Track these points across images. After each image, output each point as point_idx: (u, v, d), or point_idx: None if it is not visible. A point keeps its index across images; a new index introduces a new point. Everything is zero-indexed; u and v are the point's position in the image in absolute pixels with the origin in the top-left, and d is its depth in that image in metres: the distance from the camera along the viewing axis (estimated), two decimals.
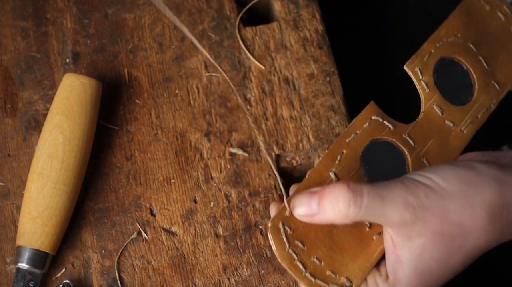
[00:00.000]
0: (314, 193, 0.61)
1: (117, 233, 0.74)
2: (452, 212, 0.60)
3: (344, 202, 0.59)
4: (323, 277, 0.63)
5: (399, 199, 0.60)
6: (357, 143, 0.67)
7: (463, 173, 0.62)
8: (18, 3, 0.83)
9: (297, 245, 0.63)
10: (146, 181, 0.76)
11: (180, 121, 0.79)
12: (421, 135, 0.68)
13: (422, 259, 0.61)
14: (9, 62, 0.81)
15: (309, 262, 0.63)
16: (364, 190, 0.60)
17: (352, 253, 0.64)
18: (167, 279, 0.72)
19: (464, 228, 0.61)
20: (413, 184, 0.61)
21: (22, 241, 0.70)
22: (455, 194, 0.60)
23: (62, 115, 0.73)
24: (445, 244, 0.61)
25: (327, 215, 0.60)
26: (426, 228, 0.60)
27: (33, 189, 0.71)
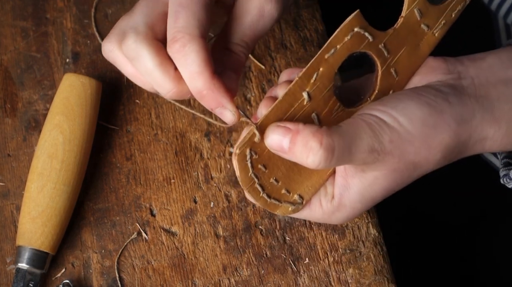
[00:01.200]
0: (288, 131, 0.60)
1: (117, 233, 0.74)
2: (410, 153, 0.62)
3: (315, 158, 0.60)
4: (278, 196, 0.64)
5: (365, 147, 0.61)
6: (335, 59, 0.63)
7: (427, 113, 0.63)
8: (18, 3, 0.83)
9: (260, 168, 0.63)
10: (146, 181, 0.76)
11: (180, 121, 0.79)
12: (396, 44, 0.66)
13: (371, 189, 0.64)
14: (9, 62, 0.81)
15: (267, 183, 0.64)
16: (335, 144, 0.60)
17: (308, 173, 0.65)
18: (167, 279, 0.72)
19: (417, 165, 0.63)
20: (379, 126, 0.62)
21: (22, 241, 0.70)
22: (416, 135, 0.62)
23: (62, 115, 0.73)
24: (396, 177, 0.64)
25: (295, 157, 0.61)
26: (382, 165, 0.62)
27: (33, 189, 0.71)
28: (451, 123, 0.63)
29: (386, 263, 0.73)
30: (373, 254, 0.73)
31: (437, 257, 0.99)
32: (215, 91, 0.61)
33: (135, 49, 0.61)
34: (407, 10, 0.66)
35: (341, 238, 0.74)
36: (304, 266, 0.73)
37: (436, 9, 0.68)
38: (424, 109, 0.63)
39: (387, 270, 0.73)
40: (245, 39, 0.65)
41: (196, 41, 0.60)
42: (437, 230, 1.00)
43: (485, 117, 0.64)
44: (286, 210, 0.66)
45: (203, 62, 0.60)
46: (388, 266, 0.73)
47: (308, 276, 0.72)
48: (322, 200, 0.66)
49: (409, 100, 0.63)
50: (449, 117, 0.63)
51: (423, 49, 0.68)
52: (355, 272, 0.73)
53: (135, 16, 0.63)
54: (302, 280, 0.72)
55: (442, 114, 0.63)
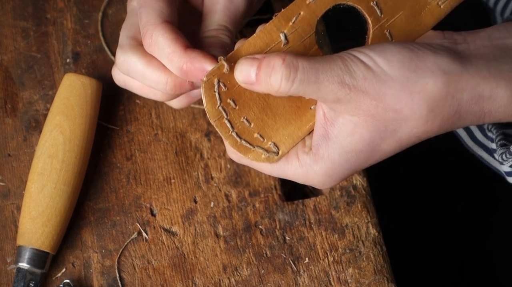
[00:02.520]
0: (256, 60, 0.60)
1: (117, 233, 0.74)
2: (388, 96, 0.58)
3: (275, 77, 0.58)
4: (250, 139, 0.62)
5: (335, 77, 0.58)
6: (318, 5, 0.62)
7: (407, 57, 0.59)
8: (18, 3, 0.83)
9: (229, 103, 0.61)
10: (146, 181, 0.76)
11: (180, 121, 0.79)
12: (391, 5, 0.63)
13: (351, 140, 0.60)
14: (9, 62, 0.81)
15: (238, 122, 0.61)
16: (299, 64, 0.58)
17: (285, 119, 0.63)
18: (167, 279, 0.72)
19: (400, 115, 0.59)
20: (353, 62, 0.59)
21: (23, 241, 0.70)
22: (395, 78, 0.58)
23: (62, 115, 0.73)
24: (378, 127, 0.60)
25: (261, 86, 0.59)
26: (359, 108, 0.59)
27: (33, 189, 0.71)
28: (435, 70, 0.59)
29: (386, 262, 0.73)
30: (372, 254, 0.73)
31: (437, 257, 0.99)
32: (194, 61, 0.62)
33: (124, 61, 0.65)
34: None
35: (340, 238, 0.74)
36: (304, 265, 0.73)
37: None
38: (405, 53, 0.59)
39: (386, 270, 0.73)
40: (221, 23, 0.66)
41: (159, 26, 0.63)
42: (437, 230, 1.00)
43: (480, 73, 0.60)
44: (259, 156, 0.62)
45: (172, 41, 0.62)
46: (387, 266, 0.73)
47: (308, 276, 0.73)
48: (299, 151, 0.63)
49: (391, 45, 0.60)
50: (432, 64, 0.59)
51: (425, 18, 0.64)
52: (354, 272, 0.73)
53: (120, 37, 0.67)
54: (302, 279, 0.72)
55: (425, 60, 0.59)
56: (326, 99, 0.59)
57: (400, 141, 0.61)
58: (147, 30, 0.63)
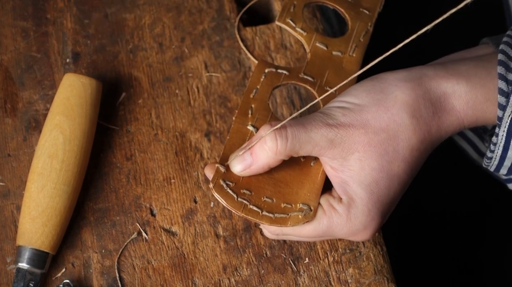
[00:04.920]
0: (242, 149, 0.65)
1: (117, 233, 0.74)
2: (371, 119, 0.63)
3: (270, 139, 0.62)
4: (281, 210, 0.65)
5: (319, 123, 0.63)
6: (261, 95, 0.70)
7: (369, 84, 0.65)
8: (18, 3, 0.83)
9: (244, 193, 0.65)
10: (146, 181, 0.76)
11: (180, 121, 0.79)
12: (317, 70, 0.72)
13: (364, 174, 0.64)
14: (9, 62, 0.81)
15: (261, 203, 0.65)
16: (286, 123, 0.63)
17: (297, 182, 0.67)
18: (167, 279, 0.72)
19: (389, 131, 0.63)
20: (328, 109, 0.64)
21: (22, 241, 0.70)
22: (368, 104, 0.64)
23: (62, 115, 0.73)
24: (379, 152, 0.63)
25: (261, 159, 0.64)
26: (354, 143, 0.63)
27: (33, 189, 0.71)
28: (397, 83, 0.64)
29: (386, 263, 0.73)
30: (373, 254, 0.73)
31: (437, 257, 0.99)
32: None
33: None
34: (309, 46, 0.73)
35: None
36: (304, 265, 0.73)
37: (340, 40, 0.75)
38: (366, 83, 0.65)
39: (387, 270, 0.73)
40: None
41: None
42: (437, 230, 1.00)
43: (438, 73, 0.64)
44: (297, 219, 0.65)
45: None
46: (388, 266, 0.73)
47: (308, 276, 0.73)
48: (333, 203, 0.65)
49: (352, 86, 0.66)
50: (393, 79, 0.64)
51: (347, 67, 0.73)
52: (355, 272, 0.73)
53: None
54: (302, 279, 0.72)
55: (385, 80, 0.64)
56: (321, 146, 0.63)
57: (405, 159, 0.64)
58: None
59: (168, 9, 0.84)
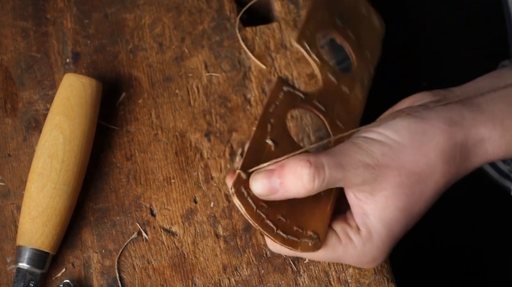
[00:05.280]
0: (273, 171, 0.62)
1: (117, 233, 0.74)
2: (407, 162, 0.62)
3: (308, 179, 0.61)
4: (292, 233, 0.65)
5: (358, 163, 0.62)
6: (279, 112, 0.68)
7: (412, 123, 0.63)
8: (18, 3, 0.83)
9: (262, 205, 0.64)
10: (146, 181, 0.76)
11: (180, 121, 0.79)
12: (328, 101, 0.72)
13: (387, 211, 0.64)
14: (9, 62, 0.81)
15: (276, 220, 0.64)
16: (324, 162, 0.61)
17: (309, 209, 0.66)
18: (167, 279, 0.72)
19: (422, 175, 0.63)
20: (366, 143, 0.63)
21: (22, 241, 0.70)
22: (408, 145, 0.63)
23: (62, 115, 0.73)
24: (407, 193, 0.63)
25: (289, 191, 0.62)
26: (386, 182, 0.62)
27: (33, 189, 0.71)
28: (440, 125, 0.63)
29: (386, 263, 0.73)
30: None
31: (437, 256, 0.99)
32: None
33: None
34: (321, 75, 0.73)
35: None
36: (304, 265, 0.73)
37: (348, 77, 0.74)
38: (408, 119, 0.64)
39: (387, 270, 0.73)
40: None
41: None
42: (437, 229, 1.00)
43: (477, 118, 0.64)
44: (307, 245, 0.65)
45: None
46: (388, 266, 0.73)
47: (308, 276, 0.73)
48: (350, 233, 0.65)
49: (390, 118, 0.65)
50: (436, 121, 0.63)
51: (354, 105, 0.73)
52: (355, 272, 0.73)
53: None
54: (302, 279, 0.72)
55: (428, 120, 0.64)
56: (354, 184, 0.62)
57: (427, 200, 0.65)
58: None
59: (168, 9, 0.84)
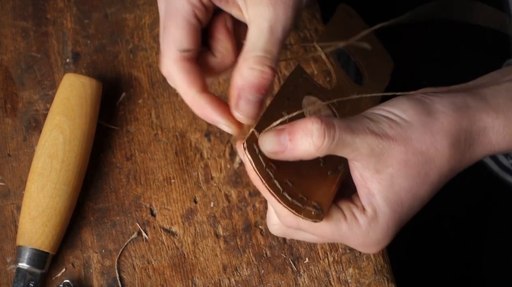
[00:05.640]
0: (283, 130, 0.62)
1: (117, 233, 0.74)
2: (414, 140, 0.62)
3: (318, 135, 0.60)
4: (297, 199, 0.64)
5: (367, 130, 0.62)
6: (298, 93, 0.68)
7: (419, 104, 0.64)
8: (18, 3, 0.83)
9: (271, 166, 0.63)
10: (146, 181, 0.76)
11: (180, 121, 0.79)
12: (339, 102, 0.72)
13: (392, 190, 0.63)
14: (9, 62, 0.81)
15: (283, 183, 0.63)
16: (335, 122, 0.61)
17: (315, 182, 0.65)
18: (167, 279, 0.72)
19: (428, 156, 0.63)
20: (375, 116, 0.63)
21: (22, 241, 0.70)
22: (414, 123, 0.63)
23: (62, 115, 0.73)
24: (412, 173, 0.63)
25: (298, 150, 0.61)
26: (392, 158, 0.62)
27: (33, 188, 0.71)
28: (445, 110, 0.64)
29: (386, 263, 0.73)
30: (372, 254, 0.73)
31: (437, 256, 0.99)
32: (203, 108, 0.64)
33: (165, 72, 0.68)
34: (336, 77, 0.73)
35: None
36: (304, 265, 0.73)
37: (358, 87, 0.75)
38: (414, 101, 0.64)
39: (387, 270, 0.73)
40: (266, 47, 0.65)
41: (177, 65, 0.64)
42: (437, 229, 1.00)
43: (480, 106, 0.64)
44: (310, 213, 0.64)
45: (185, 84, 0.64)
46: (388, 266, 0.73)
47: (308, 276, 0.73)
48: (355, 212, 0.65)
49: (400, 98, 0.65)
50: (441, 105, 0.64)
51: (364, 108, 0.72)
52: (355, 272, 0.73)
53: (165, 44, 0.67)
54: (302, 279, 0.72)
55: (434, 103, 0.64)
56: (361, 153, 0.62)
57: (432, 184, 0.64)
58: (165, 63, 0.65)
59: None
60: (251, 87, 0.62)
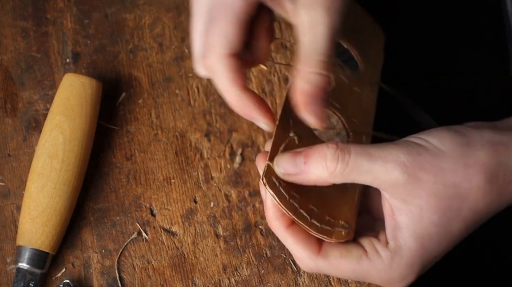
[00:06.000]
0: (299, 152, 0.61)
1: (117, 233, 0.74)
2: (446, 171, 0.60)
3: (332, 158, 0.59)
4: (325, 222, 0.63)
5: (389, 156, 0.59)
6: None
7: (457, 135, 0.61)
8: (18, 3, 0.83)
9: (294, 195, 0.62)
10: (146, 181, 0.76)
11: (180, 121, 0.79)
12: (342, 100, 0.71)
13: (421, 224, 0.60)
14: (9, 62, 0.81)
15: (309, 210, 0.63)
16: (351, 147, 0.60)
17: (338, 199, 0.65)
18: (167, 279, 0.72)
19: (460, 189, 0.60)
20: (406, 144, 0.61)
21: (22, 241, 0.70)
22: (449, 153, 0.60)
23: (62, 115, 0.73)
24: (443, 206, 0.60)
25: (312, 174, 0.60)
26: (420, 188, 0.60)
27: (33, 189, 0.71)
28: (483, 142, 0.61)
29: None
30: None
31: None
32: (244, 107, 0.63)
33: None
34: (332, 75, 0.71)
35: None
36: None
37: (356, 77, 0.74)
38: (452, 131, 0.62)
39: None
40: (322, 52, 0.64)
41: (223, 61, 0.62)
42: None
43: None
44: (340, 234, 0.63)
45: (230, 81, 0.62)
46: None
47: (308, 276, 0.73)
48: (377, 246, 0.62)
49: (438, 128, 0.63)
50: (480, 138, 0.61)
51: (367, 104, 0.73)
52: None
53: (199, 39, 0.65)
54: (302, 279, 0.72)
55: (472, 135, 0.61)
56: (383, 181, 0.60)
57: (466, 220, 0.61)
58: (210, 57, 0.63)
59: (168, 9, 0.84)
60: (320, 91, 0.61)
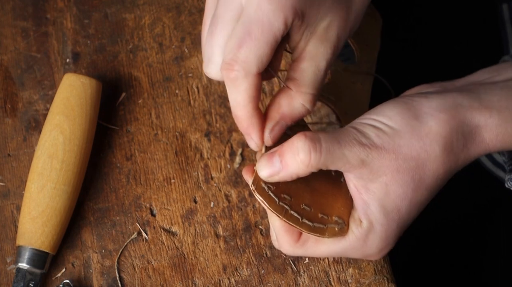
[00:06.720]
0: (274, 152, 0.63)
1: (117, 233, 0.74)
2: (403, 146, 0.62)
3: (304, 151, 0.61)
4: (318, 220, 0.65)
5: (353, 140, 0.62)
6: None
7: (405, 109, 0.64)
8: (18, 3, 0.83)
9: (285, 197, 0.64)
10: (146, 181, 0.76)
11: (180, 121, 0.79)
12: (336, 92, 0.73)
13: (388, 199, 0.63)
14: (9, 62, 0.81)
15: (300, 210, 0.64)
16: (320, 136, 0.61)
17: (331, 195, 0.66)
18: (167, 279, 0.72)
19: (419, 161, 0.63)
20: (361, 126, 0.63)
21: (22, 241, 0.70)
22: (401, 129, 0.63)
23: (62, 115, 0.73)
24: (405, 179, 0.63)
25: (290, 168, 0.62)
26: (383, 166, 0.62)
27: (33, 189, 0.71)
28: (432, 112, 0.63)
29: (386, 263, 0.73)
30: None
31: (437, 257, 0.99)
32: (249, 125, 0.63)
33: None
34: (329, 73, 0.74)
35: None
36: (304, 265, 0.73)
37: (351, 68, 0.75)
38: (400, 105, 0.64)
39: (387, 270, 0.73)
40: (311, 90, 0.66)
41: (249, 79, 0.61)
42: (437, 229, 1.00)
43: (473, 105, 0.64)
44: (333, 231, 0.65)
45: (248, 98, 0.62)
46: (388, 266, 0.73)
47: (308, 276, 0.73)
48: (352, 226, 0.65)
49: (386, 103, 0.65)
50: (428, 107, 0.63)
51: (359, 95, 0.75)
52: (355, 272, 0.73)
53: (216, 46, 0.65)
54: (302, 280, 0.72)
55: (420, 106, 0.64)
56: (352, 164, 0.62)
57: (429, 188, 0.64)
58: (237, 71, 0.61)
59: (168, 9, 0.84)
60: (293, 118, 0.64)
